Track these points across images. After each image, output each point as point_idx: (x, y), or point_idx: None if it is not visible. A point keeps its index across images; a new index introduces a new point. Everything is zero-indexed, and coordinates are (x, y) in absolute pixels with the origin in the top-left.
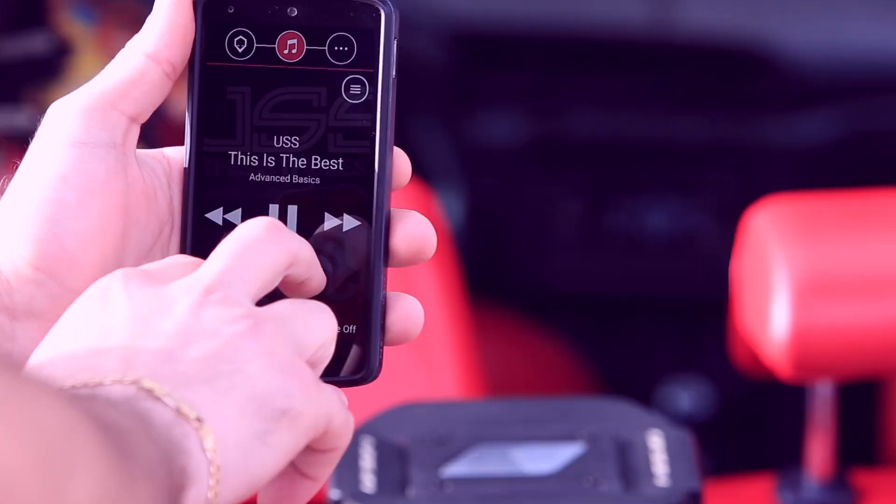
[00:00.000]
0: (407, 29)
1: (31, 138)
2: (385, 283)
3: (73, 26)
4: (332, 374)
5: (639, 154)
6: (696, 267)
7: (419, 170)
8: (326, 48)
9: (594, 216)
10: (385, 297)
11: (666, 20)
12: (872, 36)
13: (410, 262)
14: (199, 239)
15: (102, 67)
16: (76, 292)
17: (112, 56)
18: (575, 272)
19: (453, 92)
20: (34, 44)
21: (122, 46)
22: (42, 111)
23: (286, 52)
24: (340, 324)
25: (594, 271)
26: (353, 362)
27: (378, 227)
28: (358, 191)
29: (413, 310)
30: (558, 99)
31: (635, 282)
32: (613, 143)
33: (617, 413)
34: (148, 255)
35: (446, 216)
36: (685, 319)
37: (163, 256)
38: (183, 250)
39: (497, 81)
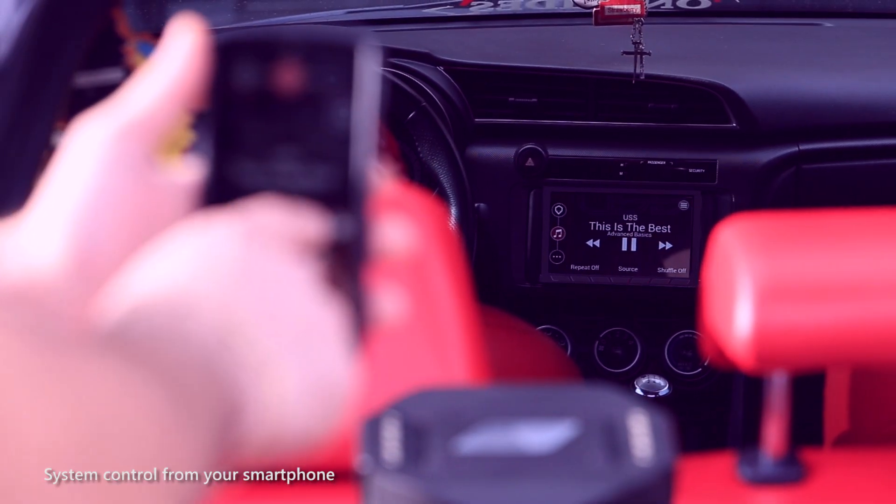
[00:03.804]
0: (425, 75)
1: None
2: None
3: (140, 60)
4: None
5: (616, 178)
6: (663, 276)
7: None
8: (319, 80)
9: (575, 235)
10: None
11: (645, 70)
12: (810, 85)
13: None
14: None
15: None
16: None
17: None
18: (559, 282)
19: (458, 124)
20: (112, 77)
21: None
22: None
23: (286, 83)
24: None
25: (575, 281)
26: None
27: (358, 220)
28: (342, 189)
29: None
30: (549, 131)
31: (610, 289)
32: (594, 167)
33: (604, 398)
34: None
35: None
36: (654, 322)
37: None
38: None
39: (495, 115)
